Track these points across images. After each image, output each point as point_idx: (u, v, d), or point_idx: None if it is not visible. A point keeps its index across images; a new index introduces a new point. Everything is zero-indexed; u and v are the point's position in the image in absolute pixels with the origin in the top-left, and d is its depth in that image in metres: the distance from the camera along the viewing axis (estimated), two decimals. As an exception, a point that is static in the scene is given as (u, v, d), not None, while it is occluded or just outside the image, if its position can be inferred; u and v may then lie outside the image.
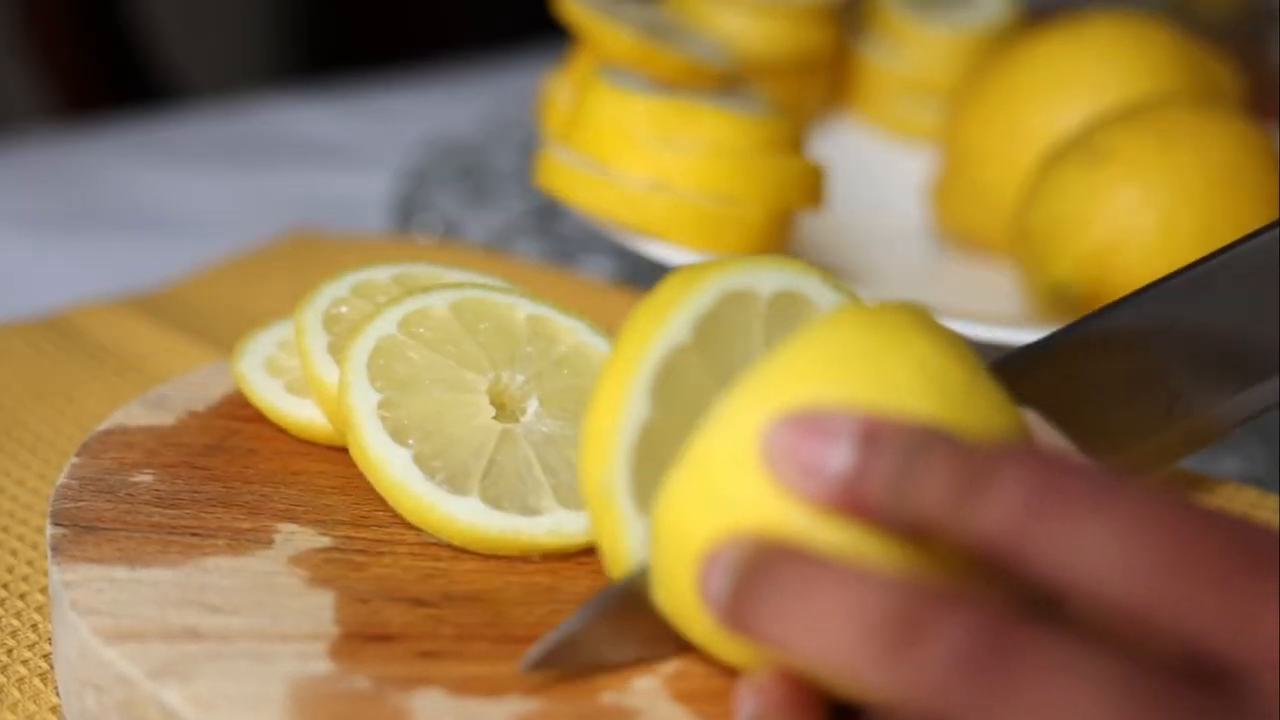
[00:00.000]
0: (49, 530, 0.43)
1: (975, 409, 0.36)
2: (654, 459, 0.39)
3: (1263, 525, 0.32)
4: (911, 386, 0.36)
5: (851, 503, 0.35)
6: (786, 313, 0.41)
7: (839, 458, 0.35)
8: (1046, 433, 0.40)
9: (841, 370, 0.36)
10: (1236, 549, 0.31)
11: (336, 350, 0.48)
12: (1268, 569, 0.31)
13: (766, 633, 0.34)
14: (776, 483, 0.36)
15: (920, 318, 0.38)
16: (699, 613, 0.37)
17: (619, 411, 0.39)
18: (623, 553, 0.39)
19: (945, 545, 0.36)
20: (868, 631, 0.32)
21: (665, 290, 0.40)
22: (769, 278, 0.41)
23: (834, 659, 0.33)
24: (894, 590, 0.33)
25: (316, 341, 0.48)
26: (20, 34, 1.27)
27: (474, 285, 0.49)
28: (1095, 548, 0.31)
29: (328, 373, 0.47)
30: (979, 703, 0.31)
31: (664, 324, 0.39)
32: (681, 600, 0.38)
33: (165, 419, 0.49)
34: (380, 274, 0.51)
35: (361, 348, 0.46)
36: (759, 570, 0.35)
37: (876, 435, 0.35)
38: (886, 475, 0.34)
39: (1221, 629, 0.31)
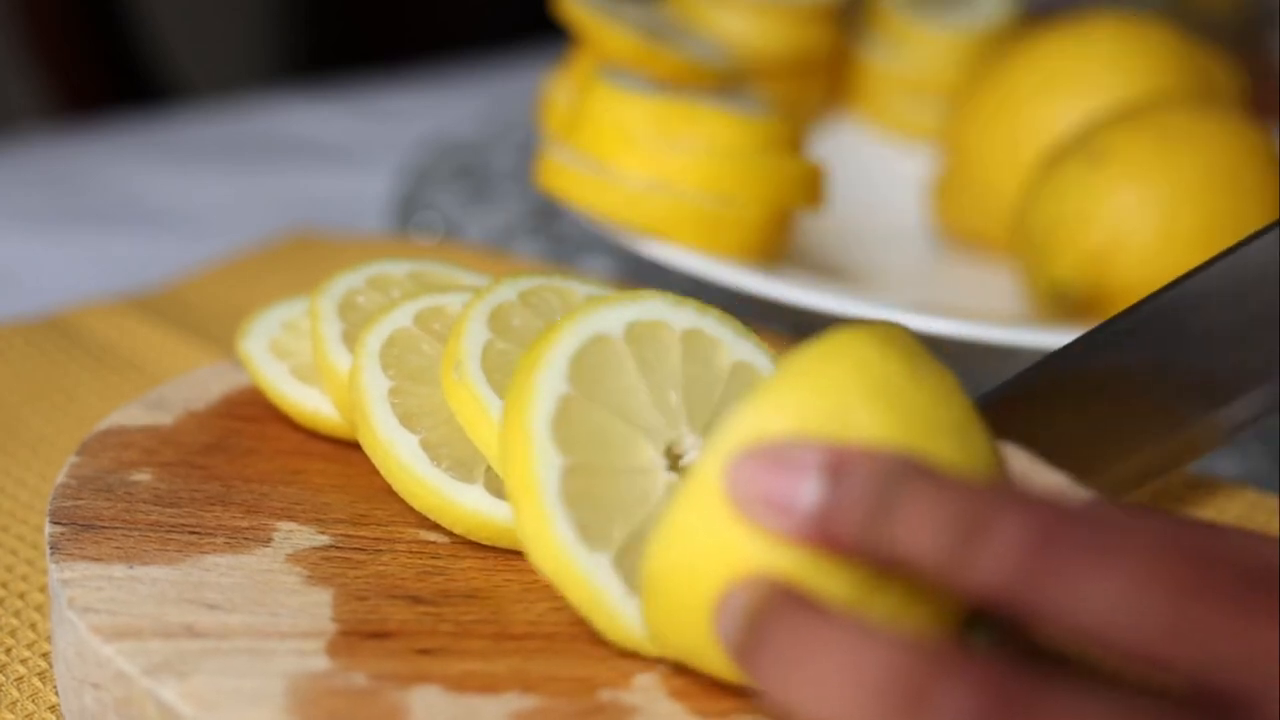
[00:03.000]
0: (47, 529, 0.43)
1: (945, 442, 0.36)
2: (583, 496, 0.39)
3: (1267, 545, 0.32)
4: (877, 420, 0.36)
5: (824, 538, 0.34)
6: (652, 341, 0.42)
7: (807, 492, 0.34)
8: (1028, 465, 0.39)
9: (811, 404, 0.36)
10: (1241, 578, 0.31)
11: (350, 338, 0.48)
12: (1270, 594, 0.31)
13: (770, 684, 0.34)
14: (746, 522, 0.35)
15: (899, 344, 0.38)
16: (710, 657, 0.37)
17: (534, 466, 0.39)
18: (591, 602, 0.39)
19: (962, 602, 0.35)
20: (871, 694, 0.32)
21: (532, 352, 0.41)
22: (623, 314, 0.42)
23: (835, 717, 0.32)
24: (897, 651, 0.32)
25: (330, 328, 0.48)
26: (20, 34, 1.27)
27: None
28: (1103, 594, 0.31)
29: (339, 360, 0.47)
30: None
31: (537, 385, 0.40)
32: (694, 643, 0.37)
33: (164, 419, 0.49)
34: (396, 268, 0.51)
35: (375, 336, 0.46)
36: (764, 618, 0.34)
37: (845, 466, 0.34)
38: (860, 509, 0.33)
39: (1230, 660, 0.31)
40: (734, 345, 0.43)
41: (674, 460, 0.41)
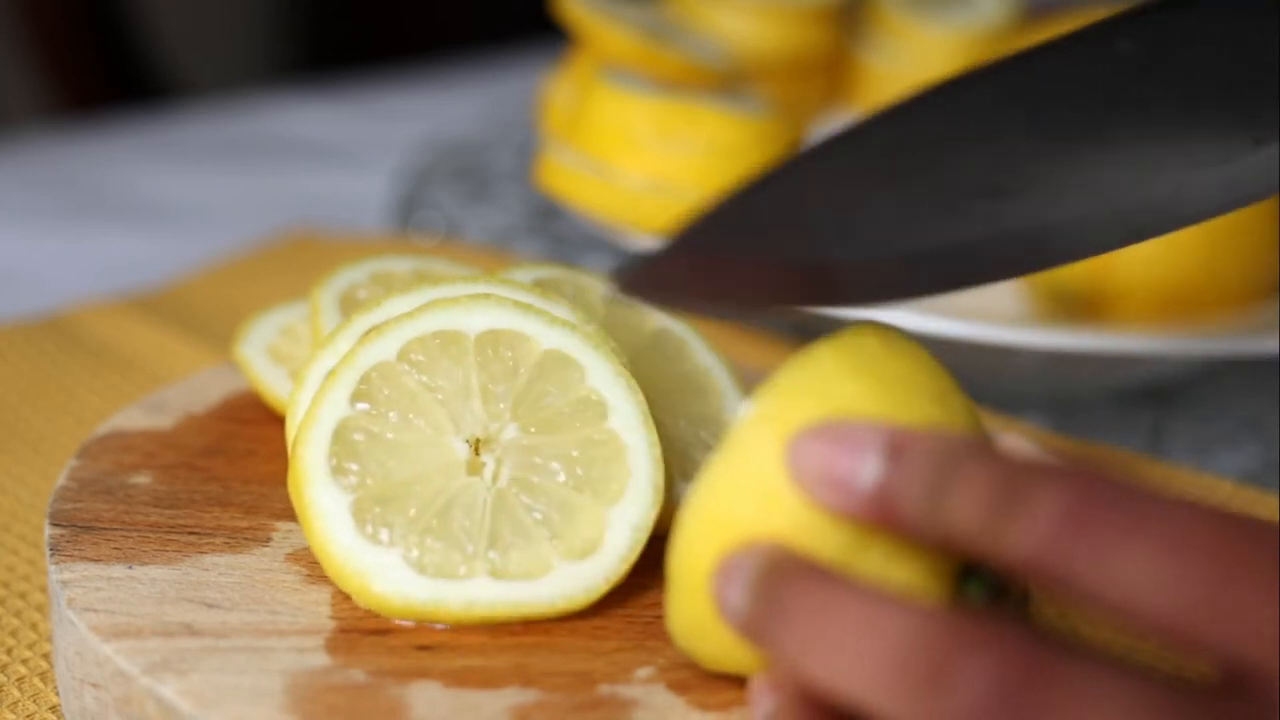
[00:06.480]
0: (47, 530, 0.43)
1: (928, 408, 0.36)
2: (355, 444, 0.42)
3: None
4: (858, 391, 0.36)
5: (882, 516, 0.34)
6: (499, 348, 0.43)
7: (868, 470, 0.34)
8: (1017, 443, 0.39)
9: (789, 381, 0.36)
10: (1274, 557, 0.31)
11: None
12: None
13: (785, 651, 0.34)
14: (792, 500, 0.35)
15: (888, 337, 0.38)
16: (712, 633, 0.37)
17: (320, 406, 0.42)
18: None
19: (953, 557, 0.36)
20: (893, 666, 0.32)
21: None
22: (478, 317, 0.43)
23: (856, 689, 0.32)
24: (920, 622, 0.32)
25: (329, 322, 0.48)
26: (20, 34, 1.27)
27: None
28: (1135, 568, 0.31)
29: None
30: None
31: (362, 350, 0.43)
32: (695, 620, 0.37)
33: (164, 422, 0.49)
34: (399, 265, 0.51)
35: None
36: (779, 584, 0.34)
37: (905, 446, 0.34)
38: (918, 487, 0.33)
39: (1262, 640, 0.30)
40: (595, 370, 0.43)
41: (481, 446, 0.42)
